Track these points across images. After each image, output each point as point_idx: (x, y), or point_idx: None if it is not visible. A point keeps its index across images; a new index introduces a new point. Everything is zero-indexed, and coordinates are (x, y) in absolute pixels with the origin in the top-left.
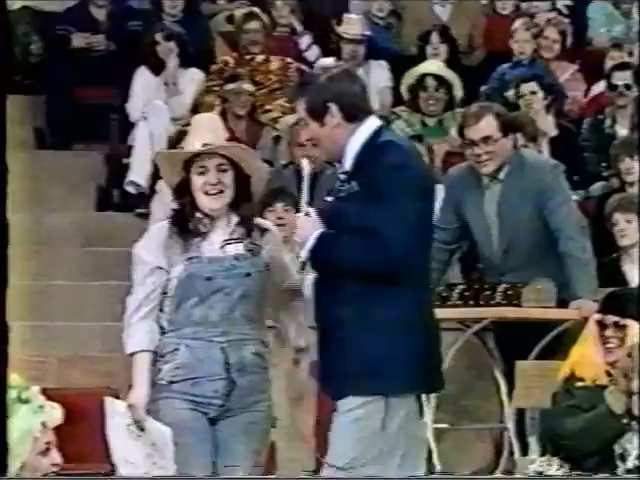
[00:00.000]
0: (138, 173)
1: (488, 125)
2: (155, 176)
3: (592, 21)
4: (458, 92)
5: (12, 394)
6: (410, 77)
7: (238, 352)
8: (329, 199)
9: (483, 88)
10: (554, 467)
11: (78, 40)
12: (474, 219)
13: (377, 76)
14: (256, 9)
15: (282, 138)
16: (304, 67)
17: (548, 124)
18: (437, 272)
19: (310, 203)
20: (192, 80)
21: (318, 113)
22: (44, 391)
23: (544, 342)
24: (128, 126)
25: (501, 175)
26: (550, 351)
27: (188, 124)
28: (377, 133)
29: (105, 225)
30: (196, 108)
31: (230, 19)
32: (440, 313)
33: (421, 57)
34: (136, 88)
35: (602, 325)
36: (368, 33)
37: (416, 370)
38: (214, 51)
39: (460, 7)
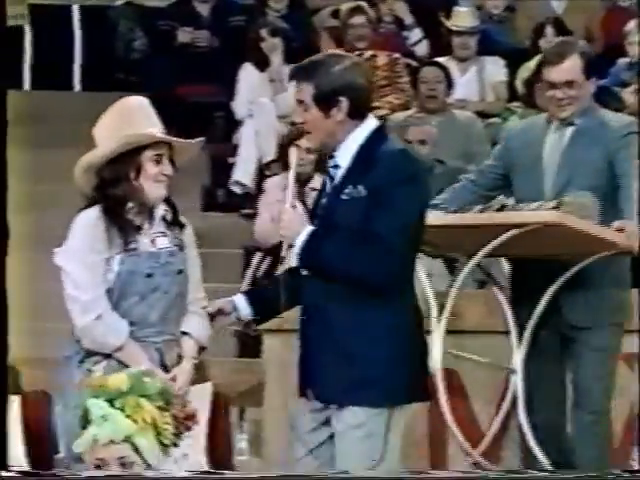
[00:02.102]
0: (244, 172)
1: (573, 67)
2: (261, 175)
3: None
4: None
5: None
6: (526, 71)
7: (171, 352)
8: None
9: (600, 82)
10: None
11: (183, 36)
12: (526, 164)
13: (491, 71)
14: (362, 3)
15: None
16: (412, 62)
17: None
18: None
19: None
20: None
21: (326, 104)
22: None
23: (568, 275)
24: (233, 124)
25: (576, 120)
26: None
27: (294, 123)
28: (377, 133)
29: (210, 226)
30: None
31: (335, 14)
32: (464, 219)
33: (534, 51)
34: (241, 85)
35: None
36: (478, 24)
37: (415, 378)
38: (319, 47)
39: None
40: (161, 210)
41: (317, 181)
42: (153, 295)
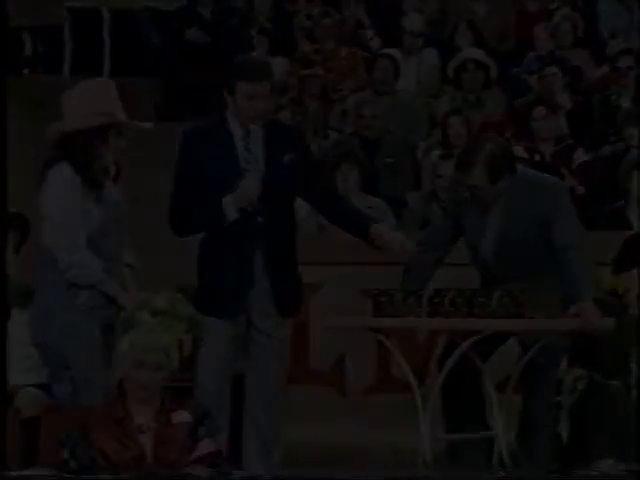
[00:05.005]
0: None
1: (477, 177)
2: None
3: (601, 13)
4: (493, 73)
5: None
6: (455, 61)
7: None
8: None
9: (514, 70)
10: None
11: (188, 34)
12: (471, 234)
13: (428, 61)
14: (330, 9)
15: (349, 112)
16: (367, 54)
17: (565, 99)
18: (421, 276)
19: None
20: (280, 65)
21: None
22: None
23: (528, 356)
24: None
25: (501, 201)
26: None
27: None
28: None
29: None
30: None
31: (309, 17)
32: (431, 324)
33: (456, 44)
34: None
35: None
36: (425, 31)
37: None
38: (296, 42)
39: (494, 4)
40: (112, 166)
41: None
42: (118, 238)
